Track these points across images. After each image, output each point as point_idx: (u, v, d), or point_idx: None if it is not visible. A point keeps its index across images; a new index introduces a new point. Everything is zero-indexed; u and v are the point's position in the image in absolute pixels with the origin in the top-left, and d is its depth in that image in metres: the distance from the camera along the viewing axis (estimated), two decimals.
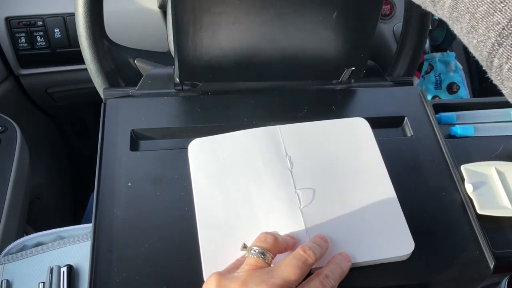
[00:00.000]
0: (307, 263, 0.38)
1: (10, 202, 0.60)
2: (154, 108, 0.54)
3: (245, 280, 0.35)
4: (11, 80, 0.90)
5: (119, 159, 0.49)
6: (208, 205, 0.45)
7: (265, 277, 0.35)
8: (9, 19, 0.83)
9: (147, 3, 0.85)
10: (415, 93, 0.59)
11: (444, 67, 0.97)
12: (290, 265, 0.37)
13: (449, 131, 0.57)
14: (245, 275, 0.36)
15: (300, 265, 0.37)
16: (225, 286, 0.35)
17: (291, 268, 0.36)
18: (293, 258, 0.38)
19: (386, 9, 0.91)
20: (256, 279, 0.35)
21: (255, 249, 0.38)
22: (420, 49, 0.64)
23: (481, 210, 0.47)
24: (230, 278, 0.36)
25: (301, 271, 0.37)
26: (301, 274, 0.37)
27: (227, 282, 0.35)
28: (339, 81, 0.62)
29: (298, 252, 0.38)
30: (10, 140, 0.67)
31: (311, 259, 0.38)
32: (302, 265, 0.37)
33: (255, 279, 0.35)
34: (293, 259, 0.37)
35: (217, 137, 0.49)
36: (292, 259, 0.37)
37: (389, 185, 0.47)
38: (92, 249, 0.43)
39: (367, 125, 0.51)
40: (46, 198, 0.98)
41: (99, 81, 0.61)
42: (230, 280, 0.35)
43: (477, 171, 0.50)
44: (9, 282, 0.49)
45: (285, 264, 0.37)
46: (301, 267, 0.37)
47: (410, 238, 0.43)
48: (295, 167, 0.47)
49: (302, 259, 0.37)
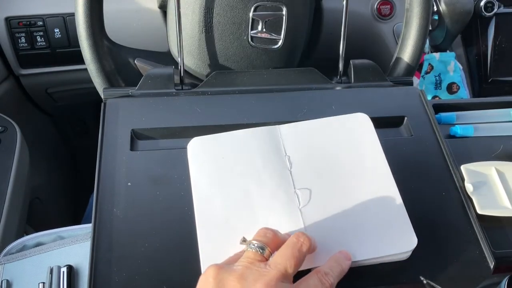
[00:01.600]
0: (302, 251, 0.38)
1: (10, 202, 0.60)
2: (154, 108, 0.54)
3: (243, 274, 0.35)
4: (11, 80, 0.90)
5: (119, 159, 0.49)
6: (207, 204, 0.45)
7: (263, 271, 0.35)
8: (9, 19, 0.83)
9: (147, 3, 0.85)
10: (415, 93, 0.59)
11: (444, 67, 0.97)
12: (285, 255, 0.37)
13: (449, 131, 0.57)
14: (243, 268, 0.36)
15: (295, 254, 0.37)
16: (222, 278, 0.35)
17: (286, 258, 0.37)
18: (287, 246, 0.38)
19: (386, 9, 0.91)
20: (254, 273, 0.35)
21: (254, 243, 0.38)
22: (420, 49, 0.64)
23: (481, 210, 0.47)
24: (228, 271, 0.36)
25: (297, 260, 0.37)
26: (297, 263, 0.37)
27: (224, 274, 0.35)
28: (339, 81, 0.63)
29: (292, 240, 0.38)
30: (10, 140, 0.67)
31: (306, 245, 0.38)
32: (297, 253, 0.37)
33: (253, 273, 0.35)
34: (287, 248, 0.38)
35: (217, 135, 0.49)
36: (287, 248, 0.38)
37: (391, 180, 0.46)
38: (92, 249, 0.43)
39: (368, 120, 0.50)
40: (46, 198, 0.98)
41: (99, 81, 0.61)
42: (228, 272, 0.36)
43: (477, 171, 0.50)
44: (9, 282, 0.49)
45: (280, 255, 0.37)
46: (297, 256, 0.37)
47: (413, 234, 0.43)
48: (294, 166, 0.47)
49: (296, 247, 0.38)
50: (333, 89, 0.60)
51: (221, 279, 0.35)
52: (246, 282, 0.35)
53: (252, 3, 0.62)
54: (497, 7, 0.97)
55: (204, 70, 0.67)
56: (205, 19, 0.63)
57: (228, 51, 0.65)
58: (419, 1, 0.62)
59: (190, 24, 0.64)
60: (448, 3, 0.90)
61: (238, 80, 0.60)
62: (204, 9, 0.62)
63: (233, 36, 0.64)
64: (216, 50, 0.65)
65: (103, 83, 0.61)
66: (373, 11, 0.91)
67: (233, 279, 0.35)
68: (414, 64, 0.65)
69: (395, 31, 0.91)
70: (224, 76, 0.60)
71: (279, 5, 0.63)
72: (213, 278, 0.35)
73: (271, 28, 0.64)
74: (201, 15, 0.63)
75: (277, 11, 0.63)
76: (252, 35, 0.64)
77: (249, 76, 0.61)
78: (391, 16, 0.92)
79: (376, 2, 0.91)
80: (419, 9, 0.63)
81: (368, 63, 0.62)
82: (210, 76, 0.60)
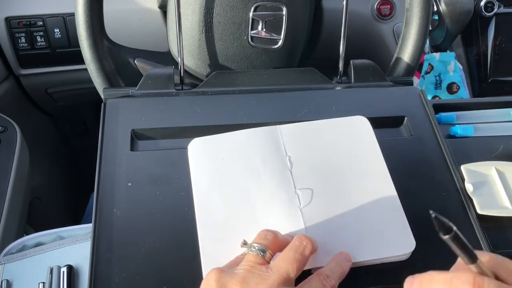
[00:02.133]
0: (304, 254, 0.38)
1: (10, 202, 0.60)
2: (154, 108, 0.54)
3: (245, 278, 0.35)
4: (11, 80, 0.90)
5: (119, 159, 0.49)
6: (208, 205, 0.45)
7: (264, 275, 0.35)
8: (9, 19, 0.83)
9: (147, 3, 0.85)
10: (415, 93, 0.59)
11: (444, 67, 0.97)
12: (288, 258, 0.37)
13: (449, 131, 0.57)
14: (244, 272, 0.36)
15: (297, 257, 0.37)
16: (224, 282, 0.35)
17: (289, 262, 0.37)
18: (290, 250, 0.38)
19: (386, 9, 0.91)
20: (256, 277, 0.35)
21: (255, 245, 0.38)
22: (420, 49, 0.64)
23: (481, 210, 0.47)
24: (229, 275, 0.36)
25: (299, 264, 0.37)
26: (299, 267, 0.37)
27: (226, 278, 0.36)
28: (339, 81, 0.63)
29: (295, 243, 0.38)
30: (10, 140, 0.67)
31: (308, 249, 0.38)
32: (300, 256, 0.37)
33: (254, 277, 0.35)
34: (290, 251, 0.38)
35: (217, 136, 0.49)
36: (289, 251, 0.38)
37: (389, 183, 0.46)
38: (92, 249, 0.43)
39: (367, 123, 0.50)
40: (46, 198, 0.98)
41: (99, 81, 0.61)
42: (230, 276, 0.36)
43: (477, 171, 0.50)
44: (9, 282, 0.49)
45: (282, 258, 0.37)
46: (299, 260, 0.37)
47: (411, 237, 0.43)
48: (295, 167, 0.47)
49: (299, 250, 0.38)
50: (333, 89, 0.60)
51: (223, 283, 0.35)
52: (248, 286, 0.35)
53: (252, 3, 0.62)
54: (497, 7, 0.97)
55: (204, 70, 0.67)
56: (205, 19, 0.63)
57: (228, 51, 0.65)
58: (419, 1, 0.62)
59: (190, 24, 0.64)
60: (448, 3, 0.90)
61: (238, 80, 0.60)
62: (204, 9, 0.62)
63: (233, 36, 0.64)
64: (216, 50, 0.65)
65: (103, 83, 0.61)
66: (373, 11, 0.91)
67: (235, 283, 0.35)
68: (414, 64, 0.65)
69: (395, 31, 0.91)
70: (224, 76, 0.60)
71: (279, 5, 0.63)
72: (215, 281, 0.35)
73: (271, 28, 0.64)
74: (201, 15, 0.63)
75: (277, 11, 0.63)
76: (252, 35, 0.64)
77: (249, 76, 0.61)
78: (391, 16, 0.92)
79: (376, 2, 0.91)
80: (419, 9, 0.63)
81: (368, 63, 0.62)
82: (210, 76, 0.60)
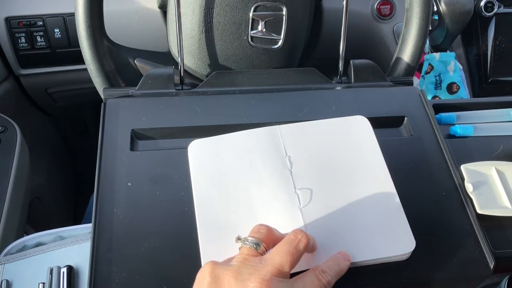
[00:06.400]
0: (299, 248, 0.38)
1: (10, 202, 0.60)
2: (154, 108, 0.54)
3: (238, 269, 0.36)
4: (11, 80, 0.90)
5: (119, 159, 0.49)
6: (208, 205, 0.45)
7: (258, 266, 0.36)
8: (9, 19, 0.83)
9: (147, 3, 0.85)
10: (415, 93, 0.59)
11: (444, 67, 0.97)
12: (282, 251, 0.37)
13: (449, 131, 0.57)
14: (238, 264, 0.36)
15: (292, 251, 0.37)
16: (218, 273, 0.36)
17: (283, 254, 0.37)
18: (285, 243, 0.38)
19: (386, 9, 0.91)
20: (249, 268, 0.36)
21: (248, 239, 0.39)
22: (420, 49, 0.64)
23: (481, 210, 0.47)
24: (223, 267, 0.36)
25: (293, 257, 0.37)
26: (293, 260, 0.37)
27: (220, 270, 0.36)
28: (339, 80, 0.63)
29: (289, 237, 0.38)
30: (10, 140, 0.67)
31: (303, 243, 0.38)
32: (294, 250, 0.37)
33: (248, 268, 0.36)
34: (284, 245, 0.38)
35: (217, 138, 0.49)
36: (284, 244, 0.38)
37: (389, 183, 0.46)
38: (92, 249, 0.43)
39: (367, 123, 0.51)
40: (46, 198, 0.98)
41: (99, 81, 0.61)
42: (224, 268, 0.36)
43: (477, 171, 0.50)
44: (9, 282, 0.49)
45: (277, 251, 0.37)
46: (293, 253, 0.37)
47: (411, 237, 0.43)
48: (295, 166, 0.47)
49: (293, 244, 0.38)
50: (333, 89, 0.60)
51: (217, 274, 0.36)
52: (241, 276, 0.35)
53: (252, 3, 0.62)
54: (497, 7, 0.97)
55: (204, 70, 0.67)
56: (205, 19, 0.63)
57: (228, 51, 0.65)
58: (419, 1, 0.62)
59: (190, 24, 0.64)
60: (448, 3, 0.90)
61: (238, 80, 0.60)
62: (204, 9, 0.62)
63: (233, 36, 0.64)
64: (216, 50, 0.65)
65: (103, 83, 0.61)
66: (373, 11, 0.91)
67: (229, 274, 0.35)
68: (414, 64, 0.65)
69: (395, 31, 0.91)
70: (224, 76, 0.60)
71: (279, 5, 0.63)
72: (209, 273, 0.36)
73: (271, 28, 0.64)
74: (201, 15, 0.63)
75: (277, 11, 0.63)
76: (252, 35, 0.64)
77: (249, 76, 0.61)
78: (391, 16, 0.92)
79: (376, 2, 0.91)
80: (419, 9, 0.63)
81: (368, 63, 0.62)
82: (210, 76, 0.60)
